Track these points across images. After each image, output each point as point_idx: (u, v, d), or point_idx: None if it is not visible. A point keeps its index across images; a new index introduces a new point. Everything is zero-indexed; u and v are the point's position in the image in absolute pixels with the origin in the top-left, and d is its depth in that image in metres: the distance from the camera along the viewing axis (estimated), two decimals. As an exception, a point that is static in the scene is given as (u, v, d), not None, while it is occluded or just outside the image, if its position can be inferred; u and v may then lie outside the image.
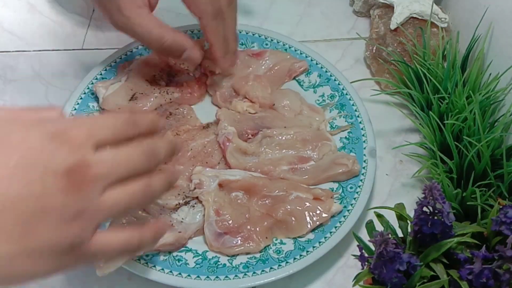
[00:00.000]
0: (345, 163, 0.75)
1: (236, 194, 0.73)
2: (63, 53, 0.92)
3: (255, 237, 0.70)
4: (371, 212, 0.63)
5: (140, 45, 0.87)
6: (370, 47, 0.90)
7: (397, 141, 0.83)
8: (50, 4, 0.99)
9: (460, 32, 0.87)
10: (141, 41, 0.76)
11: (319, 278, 0.70)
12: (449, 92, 0.78)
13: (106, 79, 0.83)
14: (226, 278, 0.67)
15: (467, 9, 0.87)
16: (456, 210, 0.69)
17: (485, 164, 0.70)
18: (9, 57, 0.91)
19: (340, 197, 0.74)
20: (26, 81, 0.89)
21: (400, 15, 0.87)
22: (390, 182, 0.79)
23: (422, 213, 0.53)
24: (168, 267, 0.67)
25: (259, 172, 0.76)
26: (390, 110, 0.84)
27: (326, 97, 0.84)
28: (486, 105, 0.76)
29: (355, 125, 0.80)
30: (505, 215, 0.53)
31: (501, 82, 0.77)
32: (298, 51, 0.88)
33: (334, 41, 0.95)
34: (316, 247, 0.69)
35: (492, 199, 0.67)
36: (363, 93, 0.85)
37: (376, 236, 0.52)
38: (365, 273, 0.55)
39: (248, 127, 0.79)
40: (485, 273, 0.51)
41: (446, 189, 0.69)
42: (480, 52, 0.81)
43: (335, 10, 0.99)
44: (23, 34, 0.95)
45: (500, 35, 0.78)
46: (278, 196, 0.73)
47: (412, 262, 0.53)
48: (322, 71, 0.86)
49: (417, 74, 0.81)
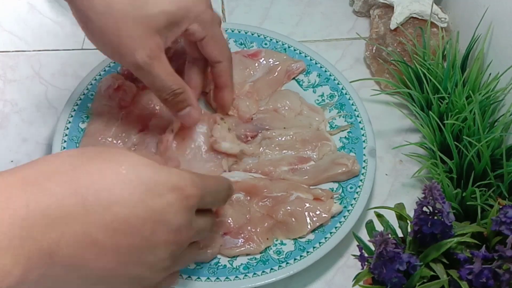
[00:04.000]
0: (345, 163, 0.75)
1: (237, 195, 0.73)
2: (63, 53, 0.92)
3: (255, 238, 0.70)
4: (371, 212, 0.63)
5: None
6: (370, 47, 0.90)
7: (397, 141, 0.83)
8: (50, 4, 0.99)
9: (460, 32, 0.87)
10: (149, 86, 0.70)
11: (319, 278, 0.70)
12: (449, 92, 0.78)
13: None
14: (227, 279, 0.67)
15: (467, 9, 0.87)
16: (456, 210, 0.69)
17: (485, 164, 0.70)
18: (9, 57, 0.91)
19: (340, 197, 0.74)
20: (26, 81, 0.89)
21: (400, 15, 0.87)
22: (390, 182, 0.79)
23: (422, 213, 0.53)
24: (168, 267, 0.67)
25: (259, 173, 0.76)
26: (390, 110, 0.84)
27: (325, 97, 0.84)
28: (486, 105, 0.76)
29: (354, 125, 0.80)
30: (505, 215, 0.53)
31: (501, 82, 0.77)
32: (297, 51, 0.88)
33: (334, 41, 0.95)
34: (316, 248, 0.69)
35: (492, 199, 0.67)
36: (363, 93, 0.85)
37: (376, 236, 0.52)
38: (365, 273, 0.55)
39: (247, 129, 0.79)
40: (485, 273, 0.51)
41: (446, 189, 0.69)
42: (480, 52, 0.81)
43: (335, 10, 0.99)
44: (23, 34, 0.95)
45: (500, 35, 0.78)
46: (279, 196, 0.73)
47: (412, 262, 0.53)
48: (322, 71, 0.86)
49: (417, 74, 0.81)
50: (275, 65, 0.87)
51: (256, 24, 0.94)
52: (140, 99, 0.81)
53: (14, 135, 0.83)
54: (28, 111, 0.85)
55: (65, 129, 0.78)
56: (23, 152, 0.81)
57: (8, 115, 0.85)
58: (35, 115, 0.85)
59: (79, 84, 0.83)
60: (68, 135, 0.78)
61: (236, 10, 0.99)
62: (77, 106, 0.81)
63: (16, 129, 0.83)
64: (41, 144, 0.82)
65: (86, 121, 0.80)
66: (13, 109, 0.86)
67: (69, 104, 0.81)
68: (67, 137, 0.78)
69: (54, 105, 0.86)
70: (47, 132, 0.83)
